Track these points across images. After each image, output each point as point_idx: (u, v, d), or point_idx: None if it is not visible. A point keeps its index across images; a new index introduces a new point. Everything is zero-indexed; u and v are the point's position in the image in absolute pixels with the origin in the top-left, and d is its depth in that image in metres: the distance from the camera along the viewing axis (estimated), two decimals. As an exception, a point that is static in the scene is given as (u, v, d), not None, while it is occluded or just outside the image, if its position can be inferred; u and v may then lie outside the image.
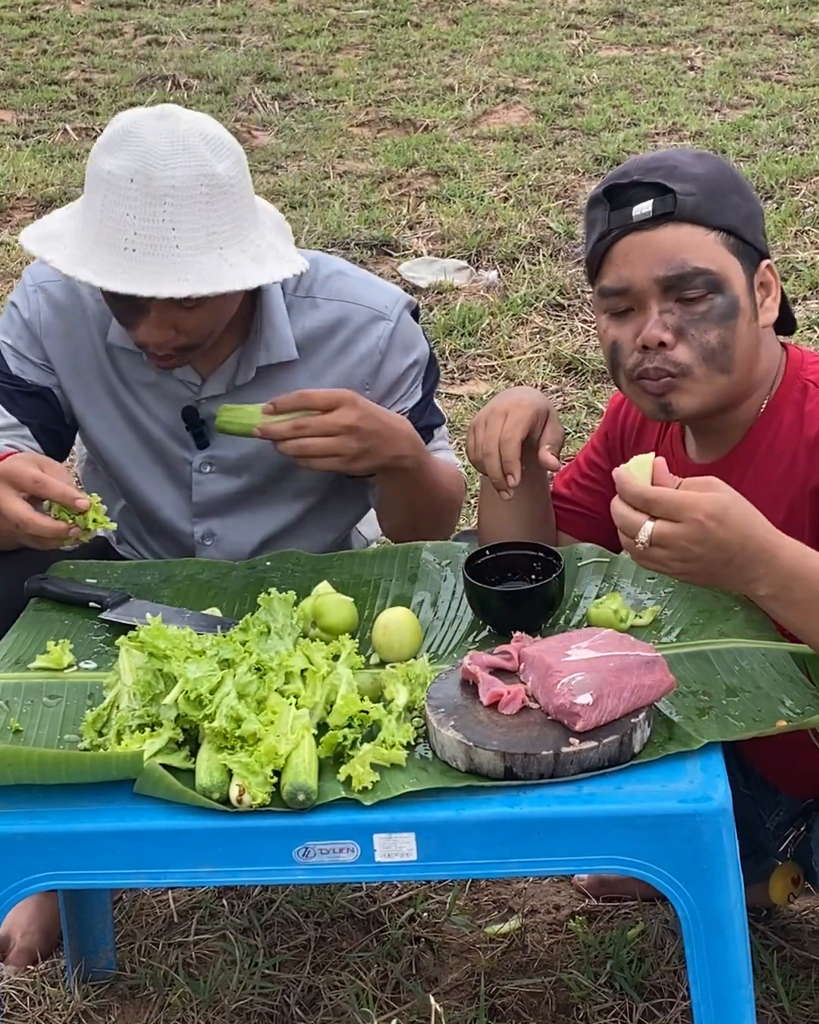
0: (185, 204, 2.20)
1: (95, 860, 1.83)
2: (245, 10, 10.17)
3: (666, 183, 2.10)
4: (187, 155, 2.22)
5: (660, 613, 2.15)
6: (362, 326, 2.49)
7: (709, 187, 2.11)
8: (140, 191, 2.20)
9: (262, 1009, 2.52)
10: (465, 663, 1.96)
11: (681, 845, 1.78)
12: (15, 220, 6.44)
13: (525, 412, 2.25)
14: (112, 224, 2.22)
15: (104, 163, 2.24)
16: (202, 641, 1.95)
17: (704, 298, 2.10)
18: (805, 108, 7.48)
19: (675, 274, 2.09)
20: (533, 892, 2.78)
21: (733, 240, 2.11)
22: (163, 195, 2.20)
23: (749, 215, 2.15)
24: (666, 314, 2.11)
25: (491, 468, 2.23)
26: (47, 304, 2.50)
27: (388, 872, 1.94)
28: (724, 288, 2.10)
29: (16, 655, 2.14)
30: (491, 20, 9.78)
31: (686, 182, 2.10)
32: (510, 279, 5.55)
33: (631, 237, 2.12)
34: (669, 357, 2.11)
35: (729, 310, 2.11)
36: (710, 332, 2.10)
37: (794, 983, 2.50)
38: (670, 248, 2.10)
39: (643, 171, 2.13)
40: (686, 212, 2.09)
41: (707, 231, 2.10)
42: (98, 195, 2.24)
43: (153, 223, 2.20)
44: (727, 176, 2.15)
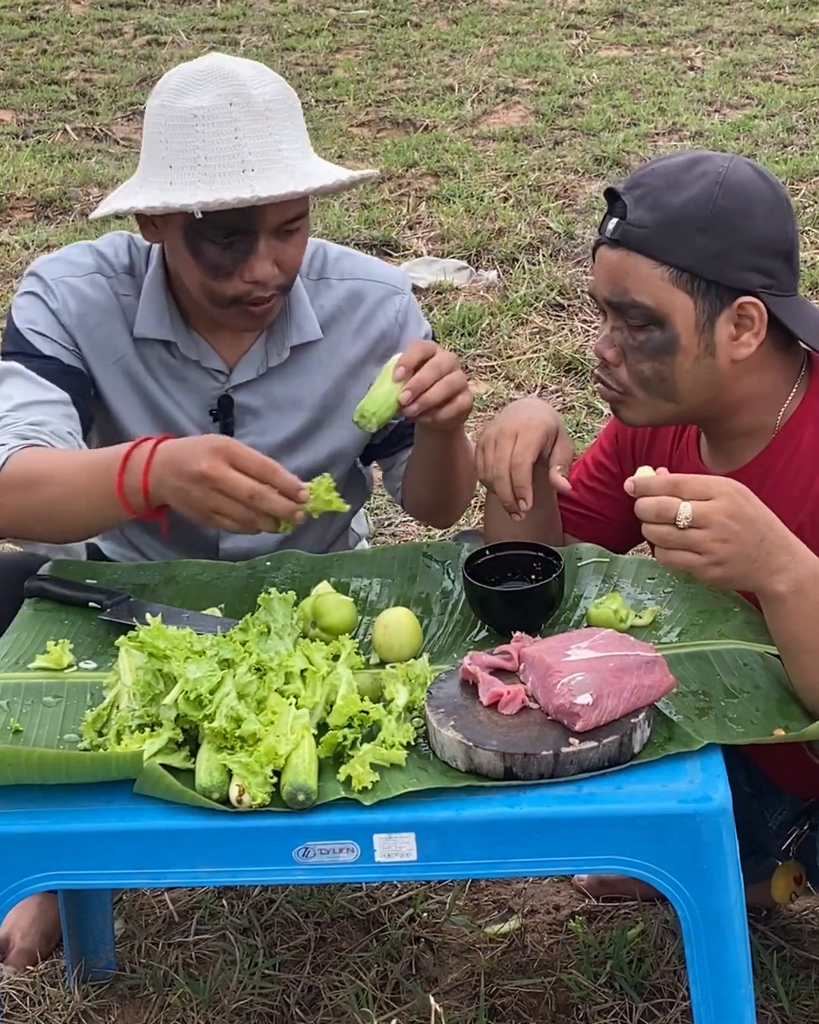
0: (283, 118, 2.30)
1: (95, 860, 1.83)
2: (245, 10, 10.17)
3: (629, 207, 2.10)
4: (267, 74, 2.33)
5: (660, 613, 2.15)
6: (379, 301, 2.55)
7: (671, 221, 2.08)
8: (243, 110, 2.26)
9: (262, 1009, 2.52)
10: (465, 663, 1.96)
11: (681, 845, 1.78)
12: (15, 220, 6.44)
13: (535, 434, 2.22)
14: (221, 153, 2.26)
15: (185, 103, 2.28)
16: (202, 641, 1.95)
17: (643, 328, 2.12)
18: (805, 108, 7.48)
19: (617, 300, 2.13)
20: (533, 892, 2.78)
21: (687, 277, 2.08)
22: (265, 110, 2.27)
23: (720, 253, 2.08)
24: (616, 332, 2.16)
25: (502, 492, 2.21)
26: (72, 296, 2.47)
27: (388, 872, 1.94)
28: (663, 324, 2.10)
29: (16, 655, 2.14)
30: (491, 20, 9.78)
31: (649, 210, 2.09)
32: (510, 279, 5.55)
33: (601, 250, 2.16)
34: (613, 374, 2.17)
35: (664, 346, 2.11)
36: (643, 363, 2.13)
37: (794, 983, 2.50)
38: (619, 273, 2.12)
39: (631, 184, 2.14)
40: (632, 243, 2.10)
41: (655, 264, 2.09)
42: (189, 138, 2.27)
43: (262, 139, 2.27)
44: (703, 211, 2.08)
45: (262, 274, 2.32)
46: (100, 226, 6.24)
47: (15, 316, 2.49)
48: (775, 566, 1.88)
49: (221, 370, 2.51)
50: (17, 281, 5.70)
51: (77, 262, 2.50)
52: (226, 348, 2.50)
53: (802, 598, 1.90)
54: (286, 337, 2.51)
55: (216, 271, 2.33)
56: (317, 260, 2.55)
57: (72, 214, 6.45)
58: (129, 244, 2.53)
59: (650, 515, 1.86)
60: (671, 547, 1.86)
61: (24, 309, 2.49)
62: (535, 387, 4.76)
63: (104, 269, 2.50)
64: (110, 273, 2.50)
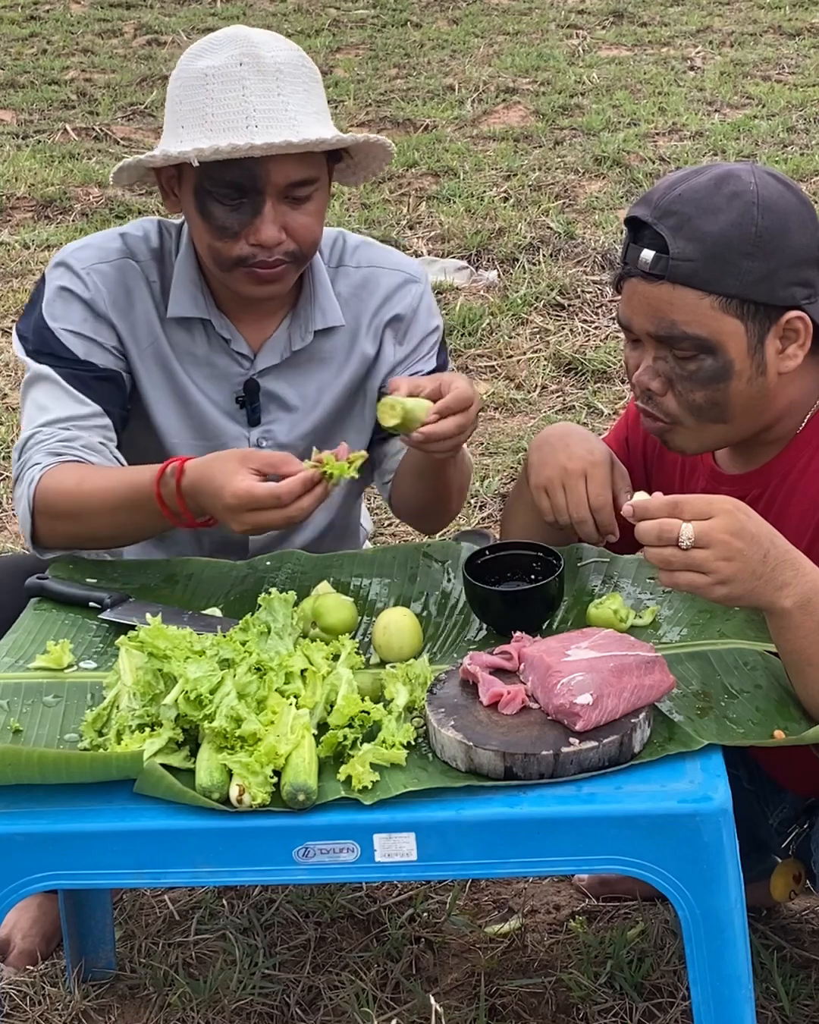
0: (294, 82, 2.31)
1: (95, 860, 1.83)
2: (245, 10, 10.17)
3: (669, 240, 2.03)
4: (283, 41, 2.37)
5: (660, 613, 2.15)
6: (396, 287, 2.56)
7: (714, 251, 2.03)
8: (251, 70, 2.29)
9: (262, 1009, 2.52)
10: (465, 663, 1.96)
11: (681, 845, 1.78)
12: (15, 220, 6.44)
13: (604, 472, 2.19)
14: (226, 109, 2.28)
15: (198, 64, 2.32)
16: (202, 641, 1.95)
17: (694, 358, 2.07)
18: (805, 108, 7.48)
19: (665, 334, 2.07)
20: (533, 892, 2.78)
21: (736, 303, 2.04)
22: (275, 71, 2.30)
23: (767, 275, 2.04)
24: (660, 361, 2.10)
25: (588, 534, 2.19)
26: (105, 282, 2.47)
27: (388, 872, 1.94)
28: (716, 351, 2.06)
29: (16, 655, 2.14)
30: (491, 20, 9.78)
31: (691, 241, 2.03)
32: (510, 279, 5.55)
33: (634, 282, 2.09)
34: (660, 404, 2.12)
35: (719, 373, 2.07)
36: (696, 392, 2.08)
37: (794, 983, 2.50)
38: (663, 307, 2.06)
39: (661, 212, 2.06)
40: (679, 278, 2.04)
41: (703, 295, 2.04)
42: (198, 96, 2.30)
43: (269, 98, 2.29)
44: (746, 236, 2.03)
45: (266, 236, 2.32)
46: (100, 225, 6.24)
47: (46, 313, 2.47)
48: (780, 581, 1.87)
49: (246, 354, 2.51)
50: (17, 281, 5.69)
51: (106, 247, 2.50)
52: (251, 333, 2.51)
53: (807, 614, 1.89)
54: (310, 321, 2.51)
55: (222, 232, 2.33)
56: (337, 248, 2.56)
57: (72, 214, 6.45)
58: (160, 228, 2.53)
59: (651, 538, 1.86)
60: (675, 569, 1.86)
61: (55, 306, 2.46)
62: (535, 387, 4.76)
63: (134, 254, 2.50)
64: (141, 257, 2.50)
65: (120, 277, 2.48)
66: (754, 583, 1.86)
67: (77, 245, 2.53)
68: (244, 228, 2.32)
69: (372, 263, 2.57)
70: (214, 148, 2.24)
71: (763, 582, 1.87)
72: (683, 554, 1.84)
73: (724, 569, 1.85)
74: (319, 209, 2.38)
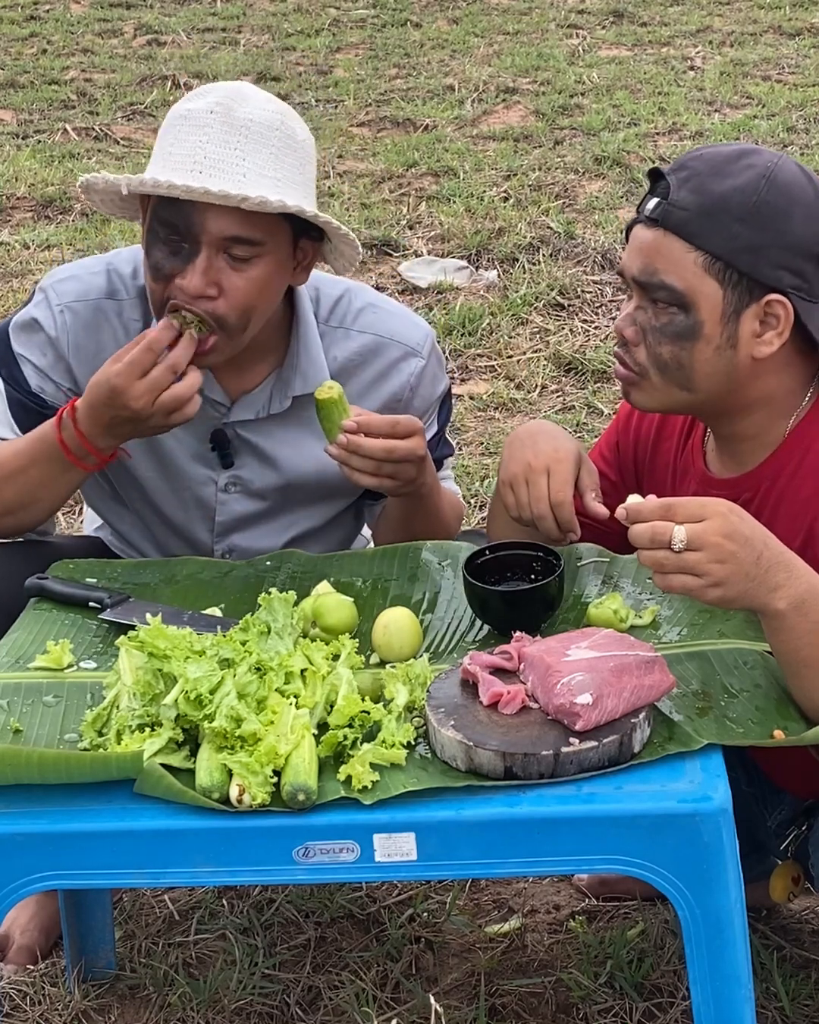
0: (259, 142, 2.25)
1: (95, 860, 1.83)
2: (245, 10, 10.17)
3: (672, 188, 2.08)
4: (271, 103, 2.30)
5: (660, 613, 2.15)
6: (395, 361, 2.49)
7: (710, 208, 2.07)
8: (219, 120, 2.24)
9: (262, 1009, 2.52)
10: (465, 663, 1.96)
11: (681, 845, 1.78)
12: (15, 220, 6.44)
13: (567, 467, 2.20)
14: (183, 150, 2.25)
15: (183, 107, 2.30)
16: (202, 641, 1.95)
17: (667, 310, 2.10)
18: (805, 108, 7.49)
19: (645, 280, 2.11)
20: (533, 892, 2.78)
21: (720, 265, 2.07)
22: (241, 126, 2.24)
23: (756, 246, 2.07)
24: (640, 311, 2.13)
25: (548, 530, 2.19)
26: (75, 324, 2.43)
27: (388, 872, 1.94)
28: (689, 308, 2.09)
29: (16, 655, 2.14)
30: (491, 20, 9.78)
31: (693, 194, 2.07)
32: (510, 279, 5.55)
33: (637, 228, 2.14)
34: (632, 354, 2.15)
35: (687, 331, 2.09)
36: (664, 345, 2.11)
37: (794, 983, 2.50)
38: (651, 253, 2.10)
39: (677, 166, 2.12)
40: (670, 224, 2.08)
41: (690, 248, 2.08)
42: (170, 135, 2.28)
43: (226, 149, 2.23)
44: (745, 202, 2.06)
45: (190, 284, 2.23)
46: (100, 226, 6.24)
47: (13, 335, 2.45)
48: (773, 583, 1.88)
49: (222, 402, 2.46)
50: (17, 281, 5.70)
51: (88, 284, 2.45)
52: (230, 380, 2.46)
53: (801, 615, 1.89)
54: (289, 387, 2.45)
55: (156, 272, 2.28)
56: (341, 307, 2.48)
57: (72, 214, 6.44)
58: None
59: (644, 541, 1.86)
60: (668, 571, 1.86)
61: (22, 333, 2.45)
62: (535, 387, 4.76)
63: (115, 292, 2.45)
64: (122, 296, 2.45)
65: (91, 319, 2.44)
66: (747, 585, 1.87)
67: (64, 274, 2.49)
68: (176, 272, 2.26)
69: (375, 330, 2.48)
70: (140, 180, 2.22)
71: (757, 584, 1.87)
72: (676, 557, 1.85)
73: (717, 571, 1.85)
74: (261, 277, 2.27)
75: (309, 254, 2.36)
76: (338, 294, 2.49)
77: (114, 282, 2.46)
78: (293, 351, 2.45)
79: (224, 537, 2.55)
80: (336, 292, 2.50)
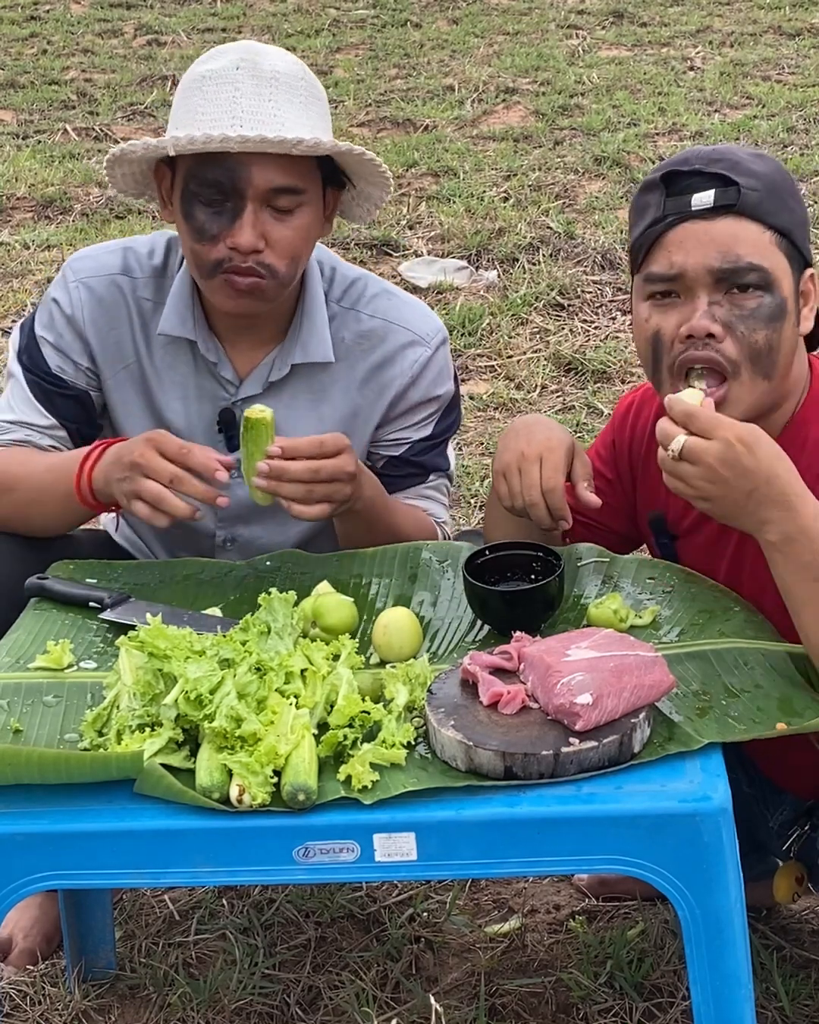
0: (289, 91, 2.29)
1: (95, 860, 1.83)
2: (245, 10, 10.17)
3: (730, 175, 2.08)
4: (288, 55, 2.35)
5: (660, 613, 2.15)
6: (401, 347, 2.50)
7: (770, 186, 2.10)
8: (247, 74, 2.28)
9: (262, 1009, 2.52)
10: (465, 663, 1.96)
11: (681, 845, 1.78)
12: (15, 220, 6.44)
13: (559, 456, 2.20)
14: (216, 108, 2.27)
15: (200, 69, 2.33)
16: (202, 641, 1.95)
17: (754, 295, 2.08)
18: (805, 108, 7.49)
19: (730, 266, 2.07)
20: (533, 892, 2.78)
21: (786, 242, 2.10)
22: (270, 78, 2.28)
23: (802, 220, 2.14)
24: (715, 306, 2.09)
25: (540, 517, 2.20)
26: (90, 299, 2.47)
27: (388, 872, 1.94)
28: (774, 288, 2.08)
29: (16, 655, 2.14)
30: (491, 20, 9.79)
31: (750, 176, 2.09)
32: (510, 279, 5.55)
33: (688, 224, 2.09)
34: (719, 350, 2.08)
35: (777, 311, 2.09)
36: (758, 331, 2.08)
37: (794, 983, 2.50)
38: (728, 240, 2.08)
39: (705, 161, 2.11)
40: (747, 207, 2.08)
41: (764, 229, 2.08)
42: (195, 97, 2.30)
43: (260, 101, 2.27)
44: (786, 178, 2.15)
45: (243, 239, 2.27)
46: (100, 226, 6.25)
47: (37, 314, 2.52)
48: (762, 518, 1.93)
49: (232, 380, 2.49)
50: (17, 281, 5.70)
51: (103, 262, 2.50)
52: (241, 359, 2.49)
53: (789, 553, 1.94)
54: (290, 356, 2.48)
55: (201, 235, 2.31)
56: (355, 289, 2.51)
57: (72, 214, 6.45)
58: (168, 244, 2.52)
59: (658, 435, 1.96)
60: (666, 471, 1.97)
61: (45, 311, 2.51)
62: (535, 387, 4.76)
63: (130, 270, 2.49)
64: (136, 274, 2.49)
65: (106, 294, 2.48)
66: (733, 510, 1.95)
67: (82, 253, 2.55)
68: (223, 231, 2.29)
69: (386, 316, 2.50)
70: (190, 138, 2.24)
71: (745, 514, 1.94)
72: (672, 462, 1.95)
73: (706, 489, 1.94)
74: (304, 226, 2.32)
75: (331, 204, 2.42)
76: (355, 276, 2.53)
77: (129, 260, 2.50)
78: (296, 322, 2.47)
79: (228, 526, 2.56)
80: (353, 275, 2.53)
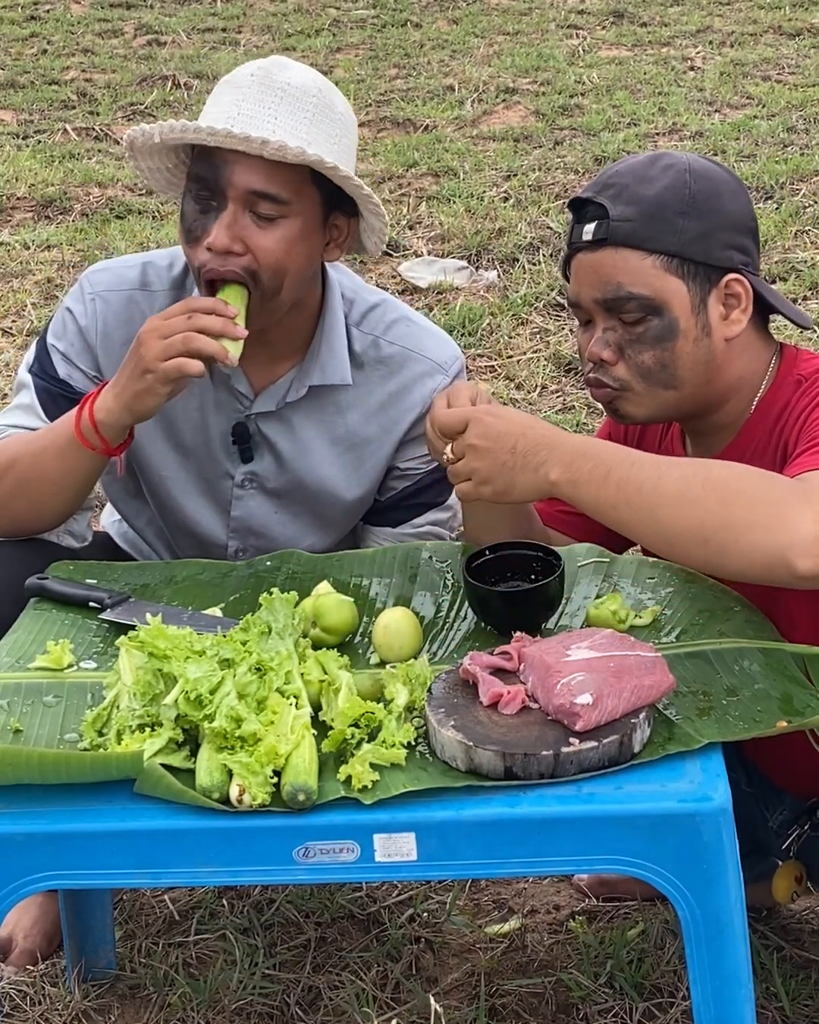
0: (294, 104, 2.28)
1: (95, 860, 1.83)
2: (245, 10, 10.17)
3: (608, 206, 2.14)
4: (312, 73, 2.35)
5: (660, 613, 2.15)
6: (419, 376, 2.50)
7: (652, 211, 2.14)
8: (257, 82, 2.29)
9: (262, 1009, 2.52)
10: (465, 663, 1.96)
11: (681, 845, 1.78)
12: (15, 220, 6.44)
13: None
14: (219, 108, 2.29)
15: (224, 77, 2.36)
16: (202, 641, 1.95)
17: (641, 320, 2.16)
18: (805, 108, 7.48)
19: (610, 297, 2.16)
20: (533, 892, 2.78)
21: (677, 262, 2.14)
22: (278, 88, 2.29)
23: (703, 234, 2.15)
24: (609, 331, 2.18)
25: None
26: (105, 313, 2.47)
27: (388, 872, 1.94)
28: (661, 311, 2.15)
29: (16, 655, 2.14)
30: (491, 20, 9.78)
31: (629, 204, 2.14)
32: (510, 279, 5.55)
33: (580, 256, 2.20)
34: (611, 372, 2.20)
35: (665, 332, 2.15)
36: (644, 353, 2.17)
37: (794, 983, 2.50)
38: (607, 271, 2.16)
39: (598, 187, 2.19)
40: (619, 238, 2.14)
41: (644, 255, 2.14)
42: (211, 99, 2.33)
43: (260, 108, 2.27)
44: (681, 196, 2.15)
45: (216, 238, 2.25)
46: (100, 226, 6.24)
47: (51, 324, 2.52)
48: (535, 462, 2.00)
49: (246, 394, 2.49)
50: (17, 281, 5.70)
51: (122, 275, 2.50)
52: (258, 374, 2.48)
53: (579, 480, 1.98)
54: (308, 376, 2.47)
55: (189, 235, 2.31)
56: (375, 315, 2.51)
57: (72, 214, 6.44)
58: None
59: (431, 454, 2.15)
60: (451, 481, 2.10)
61: (58, 320, 2.51)
62: (535, 387, 4.76)
63: (149, 284, 2.49)
64: (155, 287, 2.48)
65: (123, 310, 2.47)
66: (511, 473, 2.02)
67: (101, 265, 2.55)
68: (204, 232, 2.28)
69: (405, 343, 2.50)
70: (170, 126, 2.26)
71: (518, 470, 2.01)
72: (452, 468, 2.07)
73: (479, 468, 2.03)
74: (287, 238, 2.28)
75: (343, 231, 2.39)
76: (375, 301, 2.53)
77: (148, 274, 2.50)
78: (315, 344, 2.47)
79: (241, 536, 2.56)
80: (373, 299, 2.53)
